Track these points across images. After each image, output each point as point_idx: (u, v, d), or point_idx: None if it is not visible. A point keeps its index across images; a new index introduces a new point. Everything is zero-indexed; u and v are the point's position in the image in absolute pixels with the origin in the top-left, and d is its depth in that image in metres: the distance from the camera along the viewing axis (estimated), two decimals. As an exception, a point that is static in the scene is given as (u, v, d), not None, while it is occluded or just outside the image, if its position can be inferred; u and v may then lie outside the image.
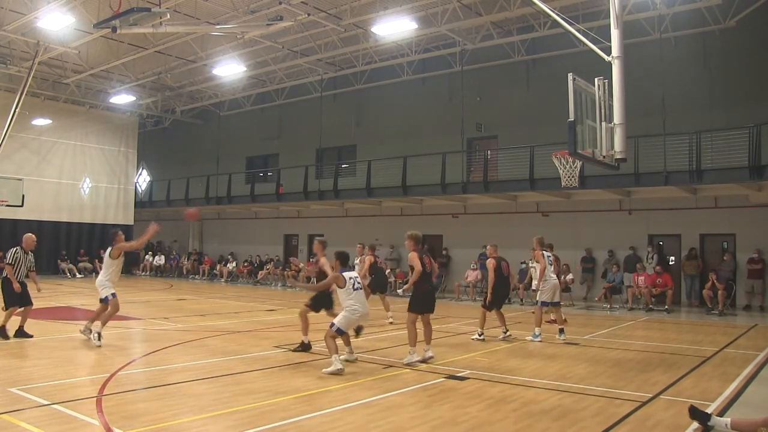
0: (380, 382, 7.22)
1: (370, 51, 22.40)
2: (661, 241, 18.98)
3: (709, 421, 5.39)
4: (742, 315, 15.82)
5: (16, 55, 21.88)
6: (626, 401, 6.47)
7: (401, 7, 17.39)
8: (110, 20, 14.48)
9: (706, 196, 17.69)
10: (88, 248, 28.01)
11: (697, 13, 17.00)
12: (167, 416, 5.57)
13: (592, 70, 8.77)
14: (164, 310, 14.71)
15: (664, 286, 16.39)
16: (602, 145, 8.61)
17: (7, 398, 6.07)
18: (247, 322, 12.96)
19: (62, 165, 27.67)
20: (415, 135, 23.47)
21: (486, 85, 22.08)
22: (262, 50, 22.06)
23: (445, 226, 22.66)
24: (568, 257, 19.06)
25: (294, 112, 27.95)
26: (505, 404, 6.30)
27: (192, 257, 30.14)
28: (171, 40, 20.64)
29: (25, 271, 10.01)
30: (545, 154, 16.14)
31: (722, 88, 17.77)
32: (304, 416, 5.69)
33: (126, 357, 8.55)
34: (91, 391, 6.40)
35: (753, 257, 16.66)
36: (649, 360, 9.04)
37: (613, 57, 8.87)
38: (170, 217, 32.67)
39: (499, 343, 10.45)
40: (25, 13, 17.88)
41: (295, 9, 16.94)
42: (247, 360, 8.55)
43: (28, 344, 9.52)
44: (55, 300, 16.91)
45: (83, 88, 27.02)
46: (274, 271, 24.76)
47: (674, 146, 16.68)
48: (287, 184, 26.42)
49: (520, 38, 19.92)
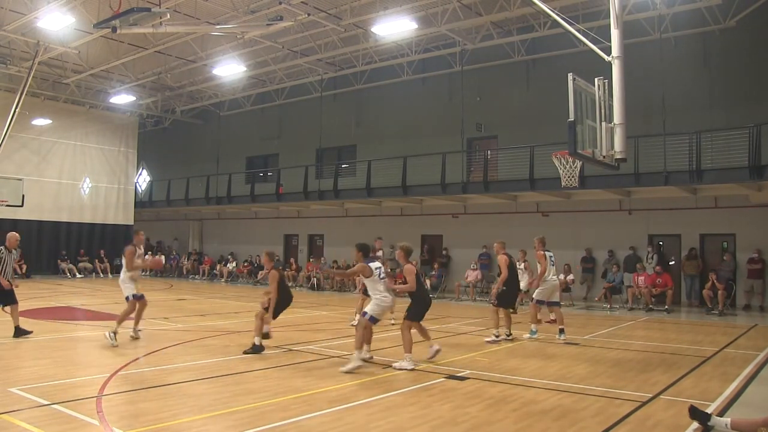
0: (380, 382, 7.22)
1: (370, 51, 22.40)
2: (661, 241, 18.98)
3: (709, 421, 5.39)
4: (742, 315, 15.83)
5: (16, 55, 21.87)
6: (626, 401, 6.47)
7: (401, 7, 17.39)
8: (110, 20, 14.46)
9: (706, 196, 17.69)
10: (88, 248, 28.00)
11: (697, 13, 17.00)
12: (167, 416, 5.57)
13: (592, 70, 8.77)
14: (164, 310, 14.71)
15: (664, 286, 16.40)
16: (602, 145, 8.62)
17: (7, 398, 6.07)
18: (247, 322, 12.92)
19: (62, 165, 27.66)
20: (415, 135, 23.47)
21: (486, 85, 22.08)
22: (262, 50, 22.06)
23: (445, 226, 22.66)
24: (568, 257, 19.07)
25: (294, 112, 27.95)
26: (505, 404, 6.30)
27: (192, 257, 30.14)
28: (171, 40, 20.63)
29: (11, 270, 10.08)
30: (545, 154, 16.13)
31: (722, 88, 17.77)
32: (304, 416, 5.69)
33: (126, 357, 8.54)
34: (91, 391, 6.40)
35: (753, 257, 16.66)
36: (649, 360, 9.04)
37: (613, 57, 8.87)
38: (170, 217, 32.75)
39: (498, 343, 10.44)
40: (25, 13, 17.88)
41: (295, 9, 16.93)
42: (247, 360, 8.55)
43: (29, 344, 9.52)
44: (55, 300, 16.91)
45: (83, 88, 27.01)
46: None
47: (674, 146, 16.68)
48: (287, 184, 26.42)
49: (520, 38, 19.92)
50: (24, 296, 17.26)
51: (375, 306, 8.15)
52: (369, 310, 8.16)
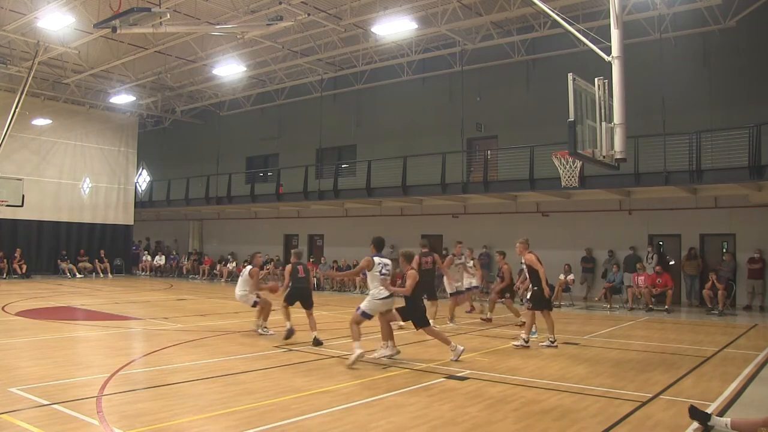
0: (380, 382, 7.22)
1: (370, 51, 22.40)
2: (661, 241, 18.98)
3: (709, 421, 5.39)
4: (742, 315, 15.82)
5: (16, 55, 21.87)
6: (626, 401, 6.47)
7: (401, 7, 17.39)
8: (110, 20, 14.45)
9: (706, 196, 17.69)
10: (88, 248, 28.01)
11: (697, 13, 16.99)
12: (167, 416, 5.57)
13: (592, 70, 8.78)
14: (164, 310, 14.71)
15: (664, 286, 16.39)
16: (602, 145, 8.62)
17: (7, 398, 6.07)
18: (247, 322, 12.93)
19: (62, 165, 27.68)
20: (415, 135, 23.48)
21: (486, 85, 22.08)
22: (262, 50, 22.06)
23: (445, 226, 22.64)
24: (568, 257, 19.08)
25: (294, 112, 27.95)
26: (505, 404, 6.30)
27: (192, 257, 30.15)
28: (171, 40, 20.64)
29: None
30: (545, 154, 16.14)
31: (722, 88, 17.76)
32: (304, 416, 5.69)
33: (126, 357, 8.54)
34: (91, 391, 6.40)
35: (753, 257, 16.66)
36: (649, 360, 9.04)
37: (613, 57, 8.87)
38: (170, 217, 32.74)
39: (498, 343, 10.44)
40: (25, 13, 17.88)
41: (295, 9, 16.93)
42: (247, 360, 8.55)
43: (29, 344, 9.52)
44: (55, 300, 16.90)
45: (83, 88, 27.01)
46: (274, 271, 24.74)
47: (674, 146, 16.68)
48: (287, 184, 26.42)
49: (520, 38, 19.92)
50: (24, 296, 17.31)
51: (368, 301, 8.35)
52: (362, 305, 8.36)
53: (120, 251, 29.49)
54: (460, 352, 8.48)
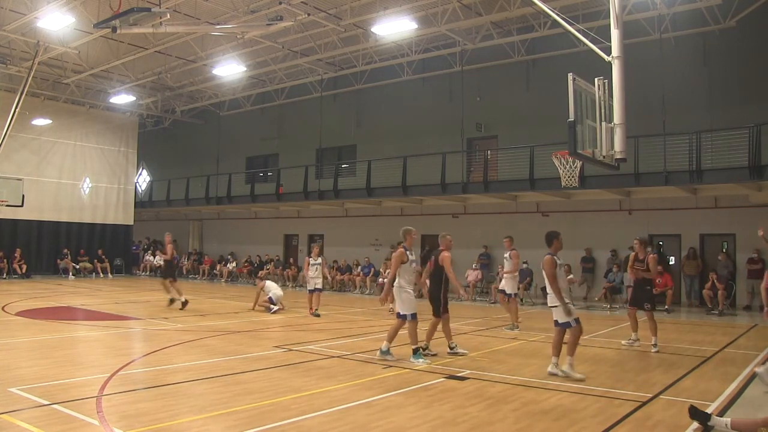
0: (380, 382, 7.22)
1: (370, 51, 22.40)
2: (661, 241, 18.97)
3: (709, 421, 5.38)
4: (742, 315, 15.82)
5: (16, 55, 21.86)
6: (626, 401, 6.47)
7: (401, 7, 17.39)
8: (110, 20, 14.45)
9: (706, 196, 17.69)
10: (88, 248, 28.00)
11: (697, 13, 16.99)
12: (167, 416, 5.57)
13: (592, 70, 8.76)
14: (164, 310, 14.70)
15: (664, 286, 16.38)
16: (602, 145, 8.62)
17: (7, 398, 6.07)
18: (247, 322, 12.95)
19: (62, 165, 27.66)
20: (415, 135, 23.47)
21: (486, 85, 22.08)
22: (262, 50, 22.06)
23: (445, 226, 22.59)
24: (568, 257, 19.01)
25: (294, 112, 27.95)
26: (505, 404, 6.30)
27: (192, 257, 30.15)
28: (171, 40, 20.63)
29: None
30: (545, 154, 16.14)
31: (722, 88, 17.76)
32: (304, 416, 5.68)
33: (126, 357, 8.54)
34: (91, 391, 6.39)
35: (753, 257, 16.65)
36: (649, 360, 9.04)
37: (613, 57, 8.86)
38: (170, 217, 32.72)
39: (498, 343, 10.43)
40: (25, 13, 17.87)
41: (295, 9, 16.93)
42: (247, 360, 8.55)
43: (29, 344, 9.52)
44: (55, 300, 16.90)
45: (83, 88, 27.01)
46: (275, 271, 24.75)
47: (674, 146, 16.68)
48: (287, 184, 26.42)
49: (520, 38, 19.91)
50: (24, 296, 17.31)
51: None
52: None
53: (120, 251, 29.48)
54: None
